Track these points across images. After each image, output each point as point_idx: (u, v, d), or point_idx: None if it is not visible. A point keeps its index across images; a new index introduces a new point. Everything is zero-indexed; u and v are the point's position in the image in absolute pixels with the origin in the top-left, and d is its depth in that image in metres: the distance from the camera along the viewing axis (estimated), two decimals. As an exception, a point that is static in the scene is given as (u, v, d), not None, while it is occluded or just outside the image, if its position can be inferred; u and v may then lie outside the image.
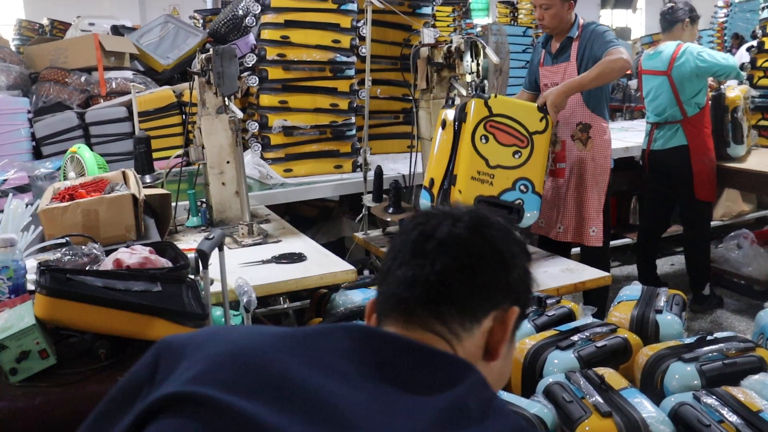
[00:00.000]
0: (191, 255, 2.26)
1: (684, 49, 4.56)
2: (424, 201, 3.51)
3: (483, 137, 3.29)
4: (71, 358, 1.93)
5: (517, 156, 3.35)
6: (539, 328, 2.82)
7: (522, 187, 3.35)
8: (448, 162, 3.40)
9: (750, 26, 8.05)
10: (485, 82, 3.69)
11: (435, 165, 3.50)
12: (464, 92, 3.58)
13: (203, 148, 3.78)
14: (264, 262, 3.20)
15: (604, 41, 3.81)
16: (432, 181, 3.48)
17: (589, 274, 3.36)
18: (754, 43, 5.37)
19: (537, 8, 3.98)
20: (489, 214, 1.21)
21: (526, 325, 2.81)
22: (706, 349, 2.57)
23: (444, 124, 3.50)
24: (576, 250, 4.28)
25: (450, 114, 3.47)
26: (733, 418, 2.10)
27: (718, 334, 2.73)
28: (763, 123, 5.30)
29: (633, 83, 6.78)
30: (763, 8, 5.38)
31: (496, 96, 3.37)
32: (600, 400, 2.19)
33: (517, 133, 3.36)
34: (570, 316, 2.95)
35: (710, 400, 2.19)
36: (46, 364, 1.84)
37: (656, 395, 2.51)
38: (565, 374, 2.39)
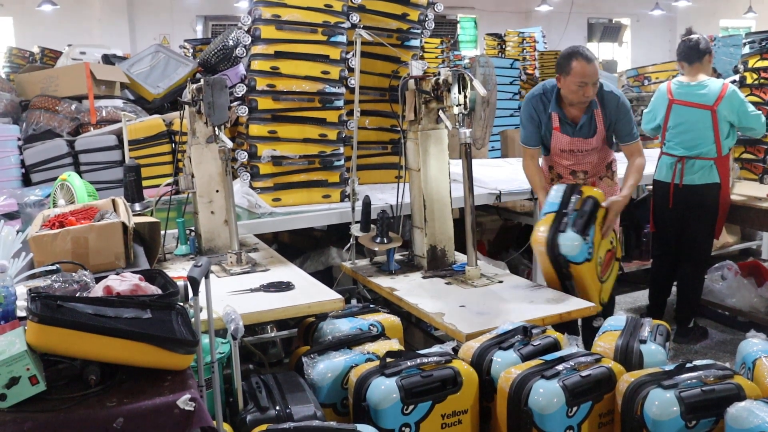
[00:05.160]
0: (180, 283, 2.28)
1: (733, 90, 4.60)
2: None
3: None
4: (60, 384, 1.93)
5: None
6: (524, 358, 2.84)
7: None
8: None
9: (733, 61, 8.17)
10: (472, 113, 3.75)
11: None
12: (450, 126, 3.61)
13: (193, 176, 3.81)
14: (252, 290, 3.22)
15: (629, 129, 4.14)
16: None
17: (575, 304, 3.38)
18: (737, 77, 5.46)
19: (584, 86, 3.98)
20: None
21: (512, 355, 2.84)
22: (685, 376, 2.62)
23: None
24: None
25: None
26: None
27: (698, 362, 2.77)
28: (745, 156, 5.38)
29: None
30: (744, 44, 5.48)
31: None
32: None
33: None
34: (555, 346, 2.97)
35: None
36: (35, 390, 1.84)
37: (636, 421, 2.56)
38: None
